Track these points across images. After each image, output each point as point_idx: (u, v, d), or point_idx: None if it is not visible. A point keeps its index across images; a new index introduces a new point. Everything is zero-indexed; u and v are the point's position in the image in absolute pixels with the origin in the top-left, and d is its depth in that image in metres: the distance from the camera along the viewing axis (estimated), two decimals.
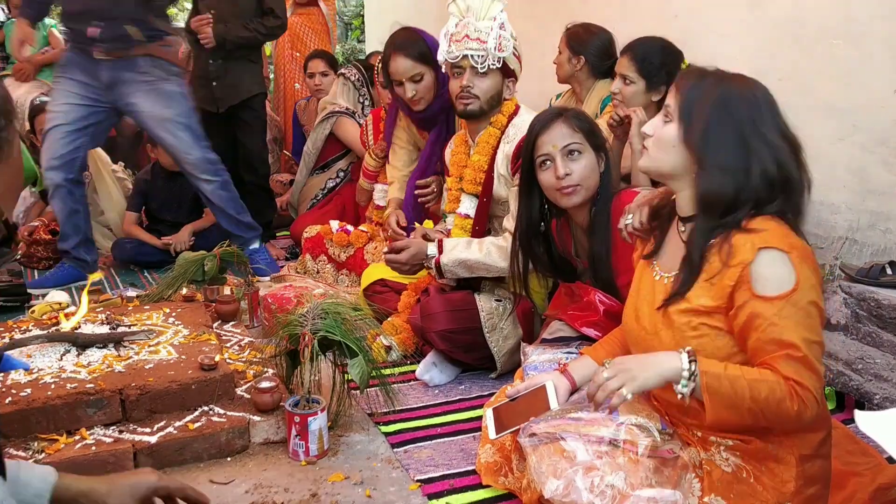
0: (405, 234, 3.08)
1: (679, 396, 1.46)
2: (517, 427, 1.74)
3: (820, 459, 1.55)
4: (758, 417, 1.44)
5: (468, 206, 2.78)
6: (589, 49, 3.30)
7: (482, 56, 2.61)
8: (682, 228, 1.62)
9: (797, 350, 1.41)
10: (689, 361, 1.45)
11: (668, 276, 1.62)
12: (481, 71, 2.64)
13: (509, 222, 2.61)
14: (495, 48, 2.60)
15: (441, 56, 2.72)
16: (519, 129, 2.64)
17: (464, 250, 2.60)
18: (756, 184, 1.49)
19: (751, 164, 1.49)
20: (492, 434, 1.80)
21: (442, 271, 2.62)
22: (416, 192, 3.25)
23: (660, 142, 1.58)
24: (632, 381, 1.48)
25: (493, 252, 2.59)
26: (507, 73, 2.70)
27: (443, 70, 2.85)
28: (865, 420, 1.17)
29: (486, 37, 2.59)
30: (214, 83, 4.17)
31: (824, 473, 1.56)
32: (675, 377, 1.46)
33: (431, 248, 2.65)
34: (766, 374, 1.43)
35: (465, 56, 2.62)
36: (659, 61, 2.80)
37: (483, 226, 2.77)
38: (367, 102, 4.43)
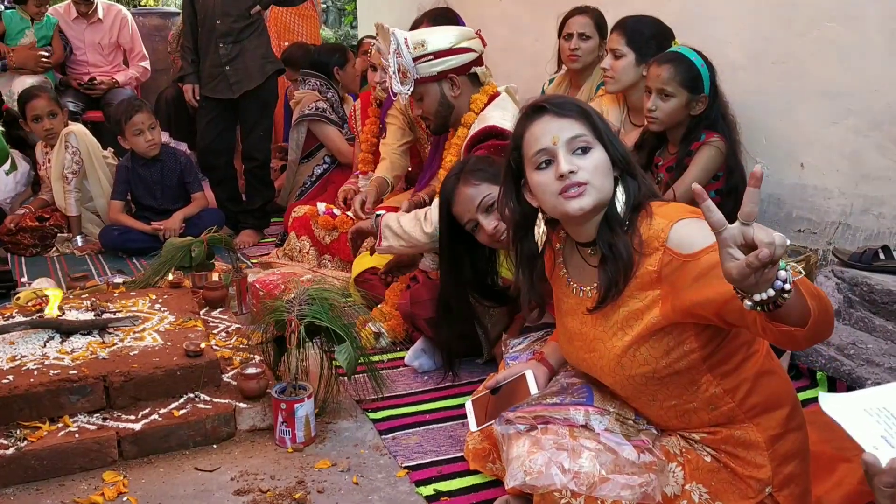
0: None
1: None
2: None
3: (791, 434, 1.53)
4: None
5: None
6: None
7: (400, 91, 2.69)
8: (591, 252, 1.57)
9: None
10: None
11: (589, 288, 1.58)
12: (415, 99, 2.74)
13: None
14: (399, 80, 2.67)
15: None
16: (480, 121, 2.65)
17: (395, 218, 2.62)
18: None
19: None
20: (473, 427, 1.84)
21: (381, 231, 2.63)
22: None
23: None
24: None
25: (408, 218, 2.59)
26: (440, 76, 2.69)
27: None
28: (829, 402, 1.14)
29: (392, 72, 2.67)
30: (228, 67, 4.11)
31: (799, 447, 1.54)
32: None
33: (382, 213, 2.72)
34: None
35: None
36: (650, 33, 2.76)
37: None
38: (335, 100, 4.40)
